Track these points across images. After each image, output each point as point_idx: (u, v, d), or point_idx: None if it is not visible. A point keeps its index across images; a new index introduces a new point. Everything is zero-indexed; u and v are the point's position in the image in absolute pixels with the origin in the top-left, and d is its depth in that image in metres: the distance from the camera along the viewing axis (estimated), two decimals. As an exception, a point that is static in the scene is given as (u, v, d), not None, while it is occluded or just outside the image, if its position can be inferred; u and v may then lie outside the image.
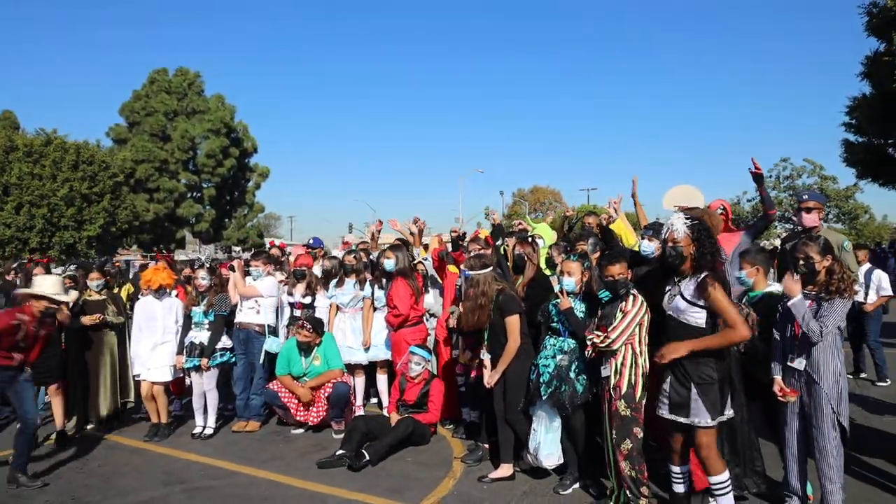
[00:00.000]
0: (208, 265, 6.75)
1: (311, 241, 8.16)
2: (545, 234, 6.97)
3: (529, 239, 5.72)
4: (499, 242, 5.87)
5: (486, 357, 4.71)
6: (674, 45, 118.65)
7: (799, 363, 3.56)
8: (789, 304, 3.55)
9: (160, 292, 6.13)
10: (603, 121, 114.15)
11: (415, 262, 6.52)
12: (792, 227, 41.70)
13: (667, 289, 3.55)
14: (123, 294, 7.37)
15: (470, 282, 4.63)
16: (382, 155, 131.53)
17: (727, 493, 3.43)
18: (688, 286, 3.41)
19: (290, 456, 5.40)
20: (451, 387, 5.98)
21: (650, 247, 4.61)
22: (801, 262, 3.60)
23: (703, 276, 3.34)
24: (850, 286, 3.46)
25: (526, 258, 5.16)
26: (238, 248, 48.87)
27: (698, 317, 3.37)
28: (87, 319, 6.17)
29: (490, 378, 4.58)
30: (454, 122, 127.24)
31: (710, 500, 3.65)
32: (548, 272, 5.58)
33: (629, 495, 3.88)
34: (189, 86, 44.72)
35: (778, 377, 3.67)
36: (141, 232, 39.17)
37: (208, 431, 6.02)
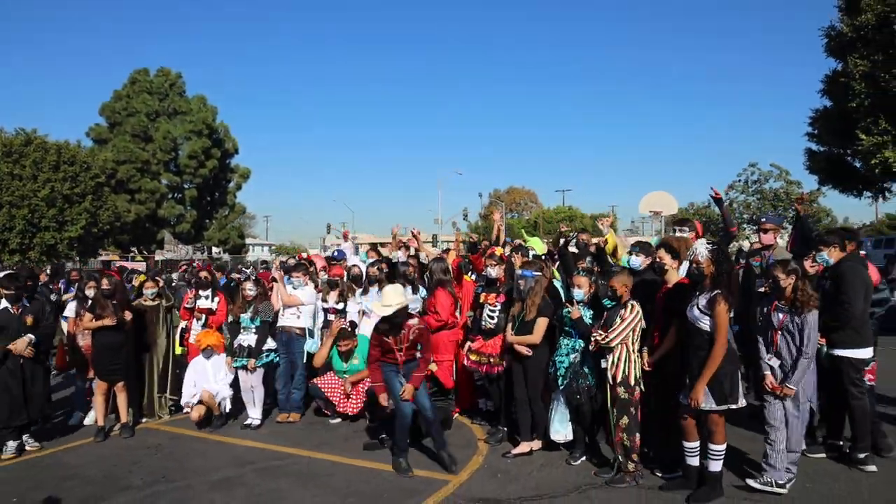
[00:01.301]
0: (253, 277, 7.59)
1: (335, 254, 9.03)
2: (537, 247, 7.98)
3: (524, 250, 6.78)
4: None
5: (509, 335, 5.65)
6: (649, 52, 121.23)
7: (774, 362, 4.59)
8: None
9: (208, 352, 6.94)
10: (577, 124, 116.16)
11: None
12: (757, 228, 43.57)
13: (690, 300, 4.53)
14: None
15: (528, 281, 5.56)
16: (361, 155, 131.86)
17: (721, 459, 4.49)
18: (703, 299, 4.41)
19: (336, 440, 6.30)
20: (468, 382, 6.92)
21: (637, 261, 5.61)
22: (770, 280, 4.63)
23: (716, 293, 4.31)
24: (810, 300, 4.47)
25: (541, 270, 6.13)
26: (218, 249, 49.14)
27: (708, 324, 4.35)
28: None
29: (520, 350, 5.53)
30: (434, 123, 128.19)
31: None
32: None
33: (621, 460, 4.89)
34: (171, 86, 44.86)
35: (768, 373, 4.64)
36: (122, 233, 39.29)
37: (256, 422, 6.87)
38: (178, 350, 7.65)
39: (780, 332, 4.58)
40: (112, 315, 6.47)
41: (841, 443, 5.34)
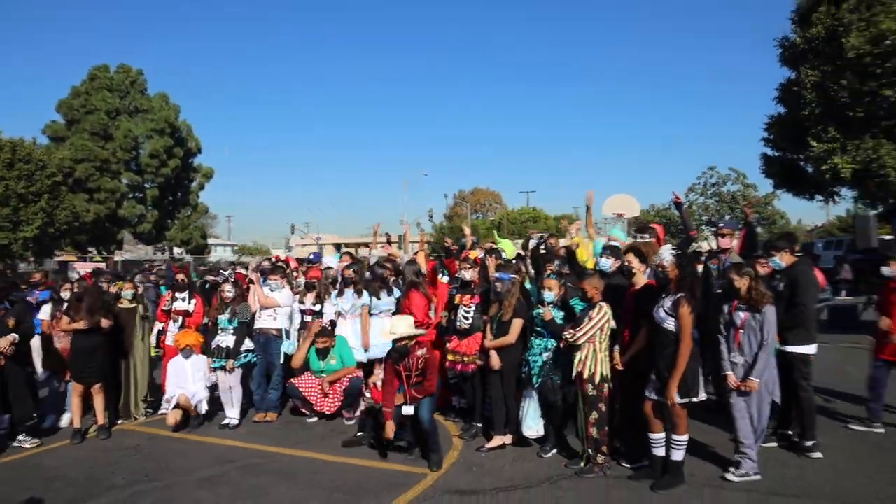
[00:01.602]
0: (232, 279, 7.69)
1: (311, 256, 9.16)
2: (507, 248, 8.28)
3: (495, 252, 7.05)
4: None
5: (488, 339, 5.91)
6: (614, 56, 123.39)
7: (738, 359, 4.94)
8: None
9: (187, 352, 7.02)
10: (543, 126, 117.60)
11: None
12: (715, 230, 44.87)
13: (657, 301, 4.84)
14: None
15: (505, 284, 5.81)
16: (327, 156, 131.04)
17: (683, 448, 4.82)
18: (668, 301, 4.72)
19: (314, 439, 6.46)
20: (442, 380, 7.15)
21: (607, 263, 5.95)
22: (725, 282, 4.99)
23: (679, 295, 4.63)
24: (763, 297, 4.84)
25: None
26: (180, 250, 48.30)
27: (672, 325, 4.67)
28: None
29: (492, 360, 5.80)
30: (400, 123, 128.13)
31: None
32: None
33: (591, 453, 5.19)
34: (132, 84, 43.98)
35: (730, 372, 4.98)
36: (80, 233, 38.36)
37: (234, 422, 6.98)
38: (153, 352, 7.70)
39: (741, 331, 4.93)
40: (87, 318, 6.51)
41: (790, 432, 5.74)
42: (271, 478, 5.31)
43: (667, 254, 4.81)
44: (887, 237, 20.37)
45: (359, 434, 6.25)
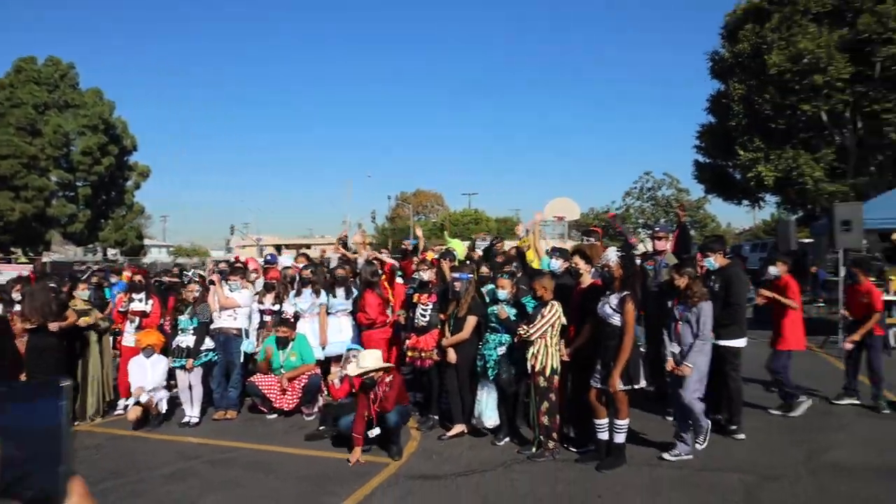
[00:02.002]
0: (196, 279, 7.77)
1: (268, 258, 9.30)
2: (458, 248, 8.69)
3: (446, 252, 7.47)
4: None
5: (446, 337, 6.28)
6: (555, 61, 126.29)
7: (675, 348, 5.46)
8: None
9: (147, 351, 7.07)
10: (486, 127, 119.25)
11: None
12: (651, 234, 46.82)
13: (602, 298, 5.30)
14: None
15: (463, 283, 6.17)
16: (269, 156, 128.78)
17: (625, 432, 5.29)
18: (613, 298, 5.18)
19: (276, 434, 6.66)
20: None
21: (556, 264, 6.43)
22: (670, 280, 5.51)
23: (624, 294, 5.10)
24: (699, 295, 5.38)
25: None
26: (114, 251, 46.60)
27: (617, 320, 5.14)
28: (85, 321, 7.01)
29: (449, 356, 6.17)
30: (344, 124, 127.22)
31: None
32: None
33: (542, 440, 5.63)
34: (61, 77, 42.18)
35: (670, 359, 5.52)
36: (5, 233, 36.57)
37: (195, 420, 7.08)
38: (111, 353, 7.70)
39: (680, 323, 5.46)
40: (36, 318, 6.49)
41: (720, 416, 6.35)
42: (239, 471, 5.51)
43: (613, 255, 5.29)
44: (806, 240, 21.93)
45: (321, 428, 6.50)
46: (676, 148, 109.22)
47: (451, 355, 6.21)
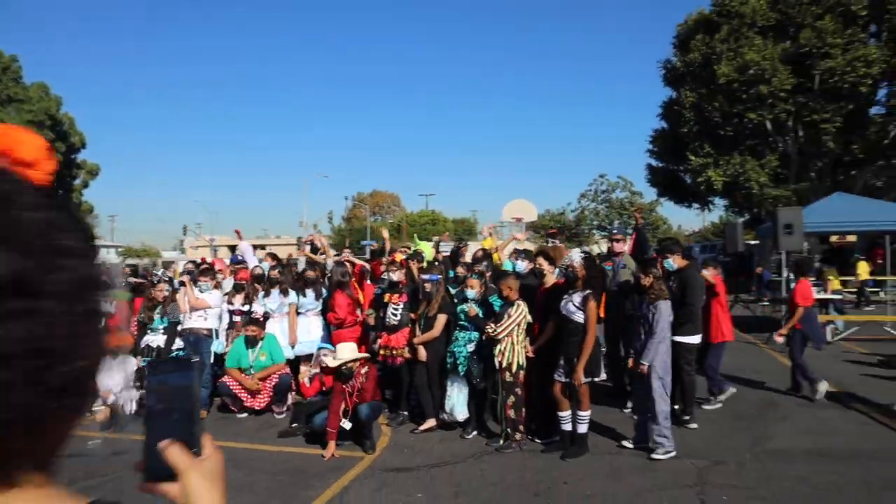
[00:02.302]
0: (167, 279, 7.79)
1: (236, 258, 9.34)
2: (426, 250, 8.94)
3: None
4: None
5: (417, 335, 6.51)
6: (511, 63, 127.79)
7: (638, 345, 5.77)
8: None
9: (115, 352, 7.04)
10: (443, 129, 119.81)
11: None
12: (608, 234, 48.02)
13: (564, 297, 5.59)
14: None
15: (433, 284, 6.39)
16: (224, 155, 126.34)
17: (587, 423, 5.60)
18: (576, 297, 5.48)
19: (249, 431, 6.77)
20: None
21: (521, 266, 6.74)
22: (635, 278, 5.81)
23: (587, 292, 5.41)
24: (660, 294, 5.70)
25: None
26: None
27: (581, 317, 5.45)
28: None
29: (419, 353, 6.41)
30: (301, 124, 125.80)
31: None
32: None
33: (509, 432, 5.91)
34: (4, 70, 40.60)
35: (632, 356, 5.82)
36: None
37: (164, 420, 7.10)
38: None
39: (643, 322, 5.79)
40: None
41: (675, 407, 6.74)
42: (215, 467, 5.60)
43: (576, 256, 5.61)
44: (752, 242, 22.96)
45: (293, 425, 6.63)
46: (630, 151, 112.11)
47: (422, 353, 6.44)
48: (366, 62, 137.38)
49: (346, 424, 5.89)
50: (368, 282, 8.46)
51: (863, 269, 16.30)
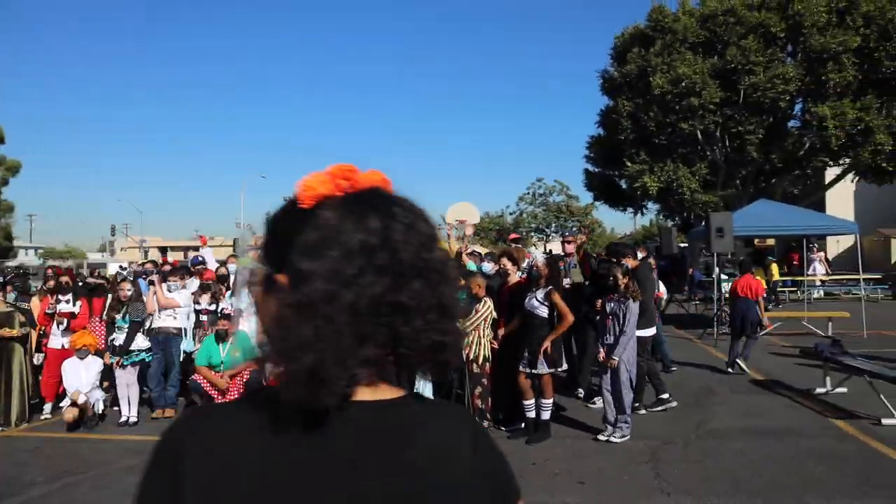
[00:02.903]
0: (131, 278, 7.77)
1: (196, 259, 9.38)
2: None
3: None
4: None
5: None
6: (452, 63, 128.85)
7: (610, 340, 6.17)
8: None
9: (83, 352, 7.03)
10: (377, 132, 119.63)
11: None
12: (545, 237, 49.57)
13: (528, 293, 6.04)
14: None
15: None
16: (155, 155, 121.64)
17: (549, 410, 6.07)
18: (540, 293, 5.94)
19: (222, 429, 6.90)
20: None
21: (488, 267, 7.20)
22: (611, 278, 6.21)
23: (549, 288, 5.88)
24: (636, 293, 6.17)
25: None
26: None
27: (544, 312, 5.92)
28: (3, 332, 6.89)
29: None
30: (237, 124, 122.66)
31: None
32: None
33: (476, 420, 6.32)
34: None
35: (602, 350, 6.17)
36: None
37: (133, 419, 7.14)
38: (32, 356, 7.56)
39: (611, 317, 6.24)
40: None
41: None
42: (196, 462, 5.75)
43: (539, 256, 6.09)
44: (682, 245, 24.32)
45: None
46: (568, 155, 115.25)
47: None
48: (304, 63, 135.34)
49: None
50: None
51: (775, 271, 17.65)
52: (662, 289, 10.81)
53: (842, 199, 26.56)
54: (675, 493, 4.82)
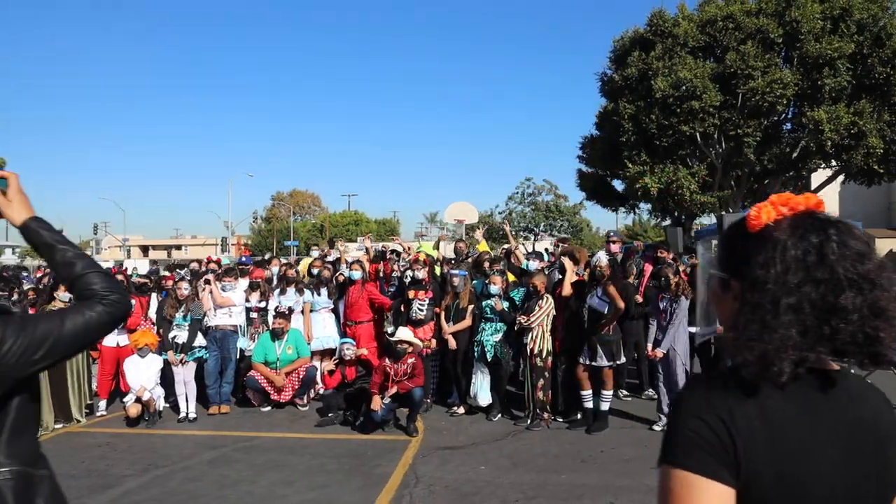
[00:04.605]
0: (188, 278, 7.92)
1: (242, 259, 9.54)
2: (428, 250, 9.55)
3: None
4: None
5: (446, 326, 7.12)
6: (444, 65, 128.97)
7: (659, 335, 6.47)
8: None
9: (144, 350, 7.17)
10: (363, 130, 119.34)
11: None
12: (533, 237, 50.07)
13: (591, 292, 6.35)
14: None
15: (460, 279, 7.03)
16: (143, 152, 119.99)
17: (609, 401, 6.39)
18: (601, 290, 6.25)
19: (283, 423, 7.10)
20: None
21: (534, 265, 7.48)
22: (663, 278, 6.55)
23: (605, 280, 6.21)
24: (686, 291, 6.51)
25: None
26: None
27: (606, 308, 6.22)
28: None
29: (450, 343, 7.04)
30: (225, 123, 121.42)
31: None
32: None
33: (538, 412, 6.63)
34: None
35: (650, 344, 6.52)
36: None
37: (192, 415, 7.29)
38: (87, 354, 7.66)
39: (663, 314, 6.58)
40: None
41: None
42: (274, 455, 5.95)
43: (603, 257, 6.41)
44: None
45: (330, 415, 7.04)
46: (557, 154, 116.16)
47: (453, 342, 7.03)
48: (286, 59, 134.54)
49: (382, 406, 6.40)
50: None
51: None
52: None
53: (826, 199, 27.34)
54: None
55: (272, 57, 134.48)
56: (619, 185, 26.83)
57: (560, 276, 7.09)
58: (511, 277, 7.55)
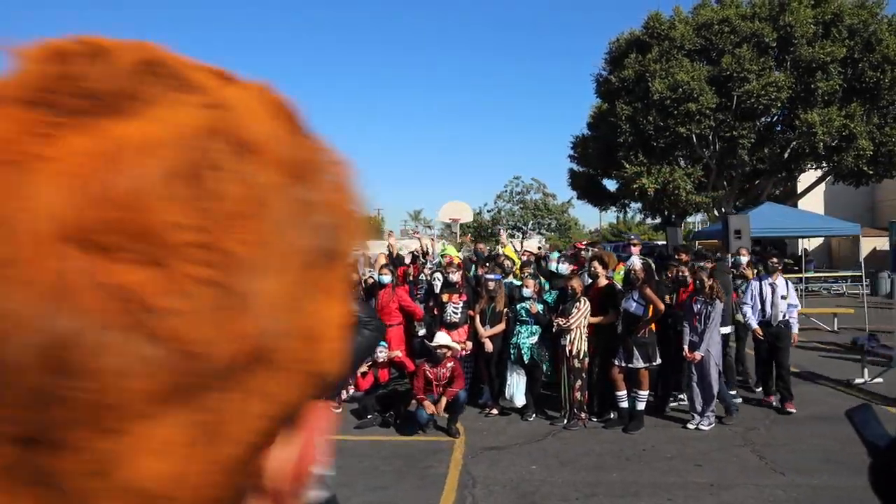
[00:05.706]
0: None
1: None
2: (453, 253, 9.72)
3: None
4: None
5: (482, 329, 7.27)
6: (438, 65, 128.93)
7: (694, 337, 6.65)
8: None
9: None
10: (353, 126, 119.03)
11: None
12: (522, 236, 50.37)
13: (626, 295, 6.55)
14: None
15: (496, 283, 7.19)
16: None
17: (644, 401, 6.60)
18: (636, 293, 6.45)
19: (322, 425, 7.20)
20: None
21: (564, 268, 7.68)
22: (699, 282, 6.74)
23: (641, 283, 6.42)
24: (720, 294, 6.70)
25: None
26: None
27: (640, 311, 6.43)
28: None
29: (487, 346, 7.21)
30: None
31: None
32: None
33: (575, 411, 6.82)
34: None
35: (686, 346, 6.68)
36: None
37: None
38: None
39: (697, 317, 6.78)
40: None
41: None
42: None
43: (637, 262, 6.62)
44: (660, 243, 25.27)
45: (369, 416, 7.17)
46: (545, 153, 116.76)
47: (489, 345, 7.20)
48: (262, 53, 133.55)
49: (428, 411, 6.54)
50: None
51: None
52: None
53: (813, 199, 28.02)
54: (788, 471, 5.39)
55: (271, 55, 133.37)
56: (611, 184, 27.27)
57: (590, 280, 7.28)
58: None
